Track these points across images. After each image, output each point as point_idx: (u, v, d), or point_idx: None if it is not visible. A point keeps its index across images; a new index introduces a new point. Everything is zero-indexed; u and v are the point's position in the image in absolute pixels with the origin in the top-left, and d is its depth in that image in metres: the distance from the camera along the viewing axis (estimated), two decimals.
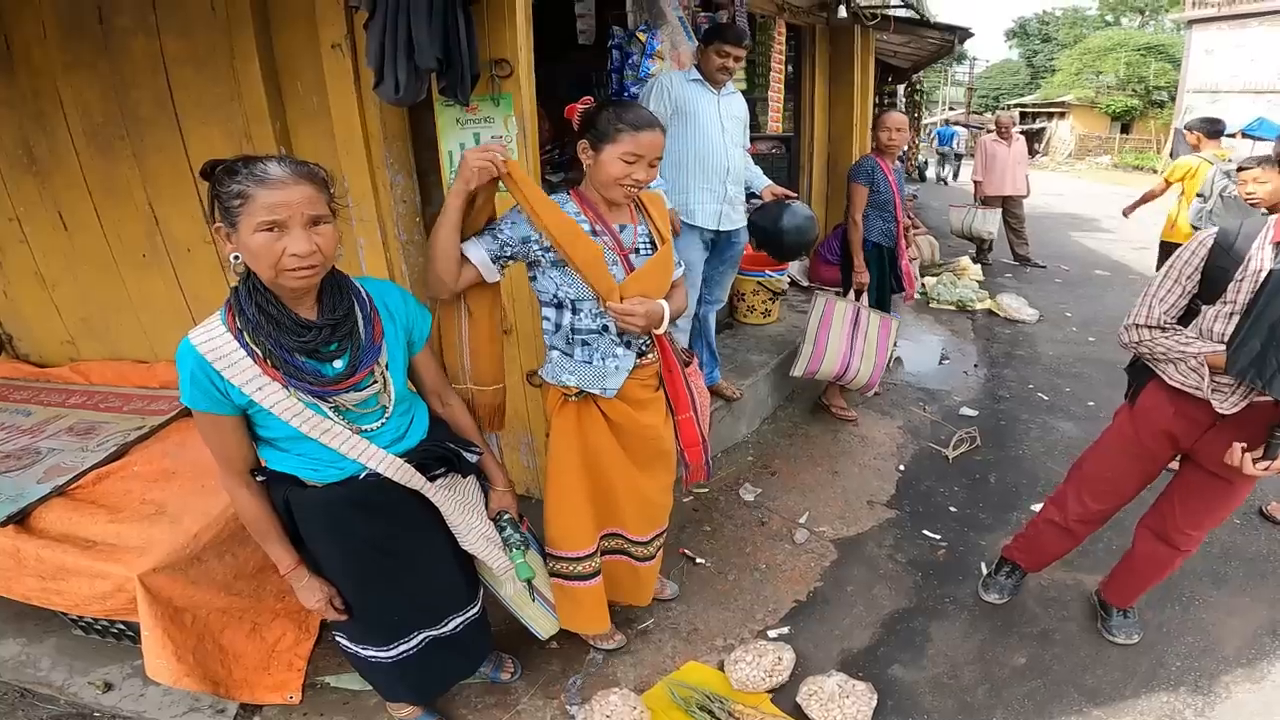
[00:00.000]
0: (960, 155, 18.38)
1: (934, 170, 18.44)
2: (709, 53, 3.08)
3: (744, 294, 4.75)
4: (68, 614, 2.25)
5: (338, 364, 1.49)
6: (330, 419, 1.50)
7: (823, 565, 2.84)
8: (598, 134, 1.76)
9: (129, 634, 2.27)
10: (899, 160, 3.94)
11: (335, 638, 1.90)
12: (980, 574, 2.75)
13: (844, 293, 3.99)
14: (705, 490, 3.30)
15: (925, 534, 3.04)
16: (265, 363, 1.41)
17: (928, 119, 24.34)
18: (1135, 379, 2.14)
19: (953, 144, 18.35)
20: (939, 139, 19.07)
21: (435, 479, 1.71)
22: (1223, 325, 1.80)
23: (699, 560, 2.83)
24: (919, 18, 6.69)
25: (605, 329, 1.87)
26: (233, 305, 1.42)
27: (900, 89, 14.05)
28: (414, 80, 2.07)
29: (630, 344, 1.92)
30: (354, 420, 1.55)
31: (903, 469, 3.58)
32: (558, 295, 1.84)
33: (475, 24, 2.16)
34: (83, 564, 1.97)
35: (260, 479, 1.59)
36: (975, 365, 5.06)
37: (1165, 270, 1.91)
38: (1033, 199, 8.35)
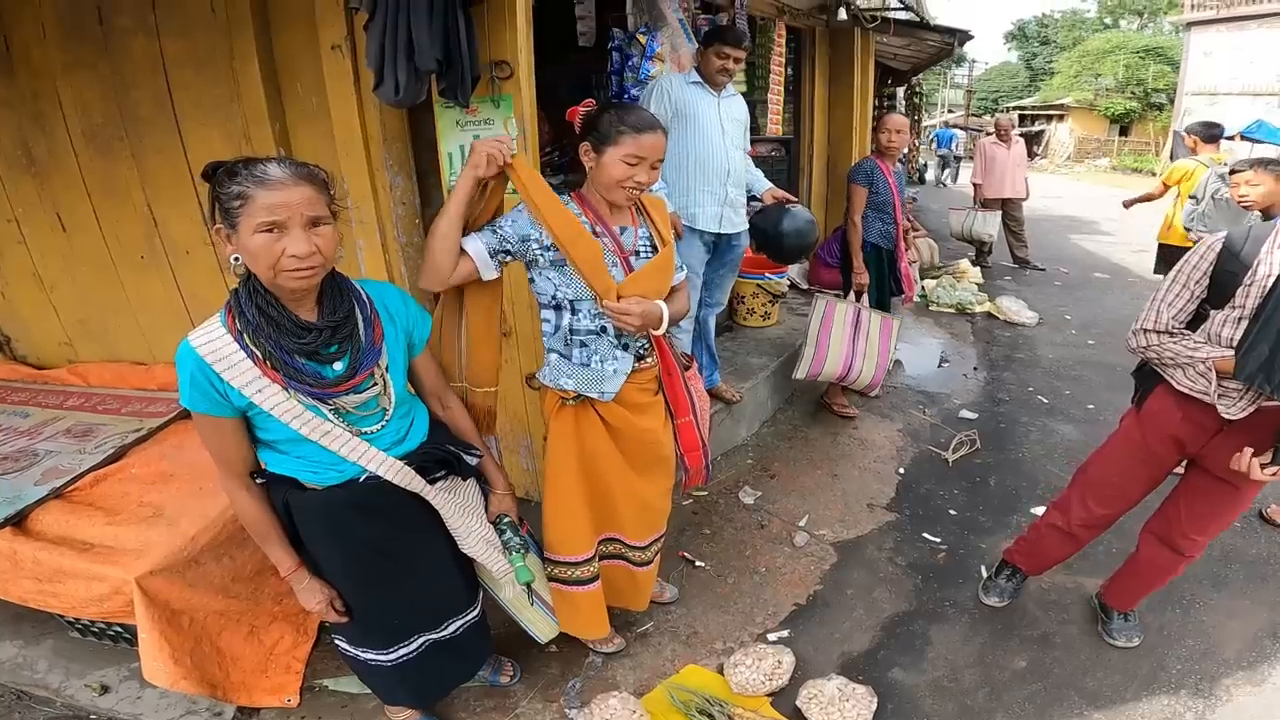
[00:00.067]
0: (959, 158, 18.39)
1: (933, 173, 18.45)
2: (708, 55, 3.08)
3: (744, 297, 4.75)
4: (64, 616, 2.24)
5: (338, 366, 1.49)
6: (330, 421, 1.50)
7: (822, 568, 2.83)
8: (600, 136, 1.76)
9: (126, 636, 2.26)
10: (900, 163, 3.94)
11: (334, 641, 1.90)
12: (980, 577, 2.74)
13: (844, 295, 4.00)
14: (705, 493, 3.30)
15: (925, 537, 3.03)
16: (265, 364, 1.41)
17: (927, 121, 24.36)
18: (1142, 384, 2.13)
19: (951, 146, 18.37)
20: (938, 141, 19.08)
21: (435, 482, 1.70)
22: (1231, 330, 1.79)
23: (698, 563, 2.83)
24: (918, 20, 6.69)
25: (604, 330, 1.86)
26: (232, 307, 1.42)
27: (900, 91, 14.06)
28: (414, 82, 2.06)
29: (628, 347, 1.91)
30: (354, 423, 1.55)
31: (902, 472, 3.58)
32: (556, 296, 1.83)
33: (475, 25, 2.16)
34: (80, 566, 1.97)
35: (260, 481, 1.58)
36: (975, 368, 5.06)
37: (1173, 275, 1.90)
38: (1032, 201, 8.35)
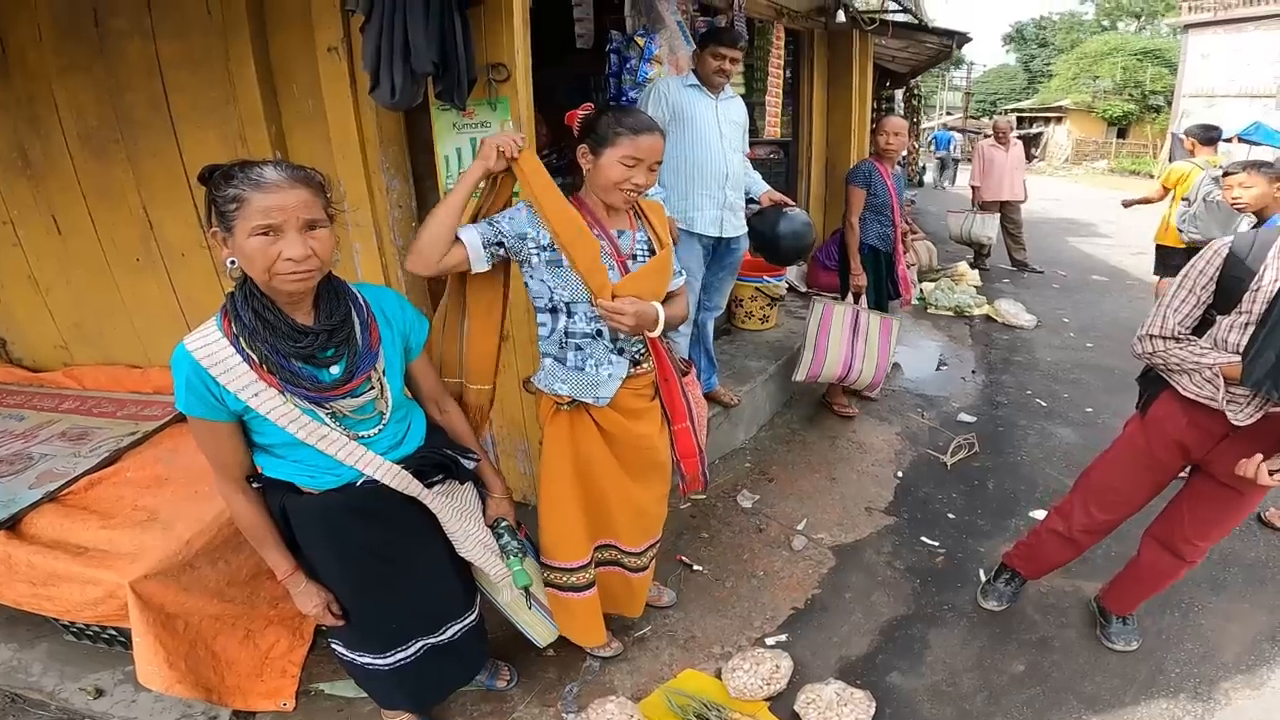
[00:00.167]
0: (956, 160, 18.41)
1: (932, 175, 18.46)
2: (705, 56, 3.07)
3: (742, 300, 4.74)
4: (59, 619, 2.22)
5: (334, 370, 1.48)
6: (327, 425, 1.50)
7: (821, 572, 2.83)
8: (597, 138, 1.76)
9: (121, 640, 2.25)
10: (900, 166, 3.94)
11: (331, 645, 1.89)
12: (979, 581, 2.74)
13: (842, 297, 3.99)
14: (703, 497, 3.29)
15: (923, 541, 3.03)
16: (261, 368, 1.41)
17: (925, 124, 24.38)
18: (1146, 389, 2.12)
19: (949, 149, 18.38)
20: (936, 143, 19.10)
21: (432, 486, 1.70)
22: (1238, 336, 1.78)
23: (696, 567, 2.82)
24: (917, 22, 6.70)
25: (599, 334, 1.85)
26: (228, 311, 1.42)
27: (898, 94, 14.06)
28: (410, 84, 2.06)
29: (624, 351, 1.90)
30: (351, 426, 1.54)
31: (901, 475, 3.57)
32: (552, 299, 1.82)
33: (472, 28, 2.15)
34: (74, 570, 1.96)
35: (256, 486, 1.58)
36: (973, 371, 5.05)
37: (1179, 280, 1.89)
38: (1030, 204, 8.35)
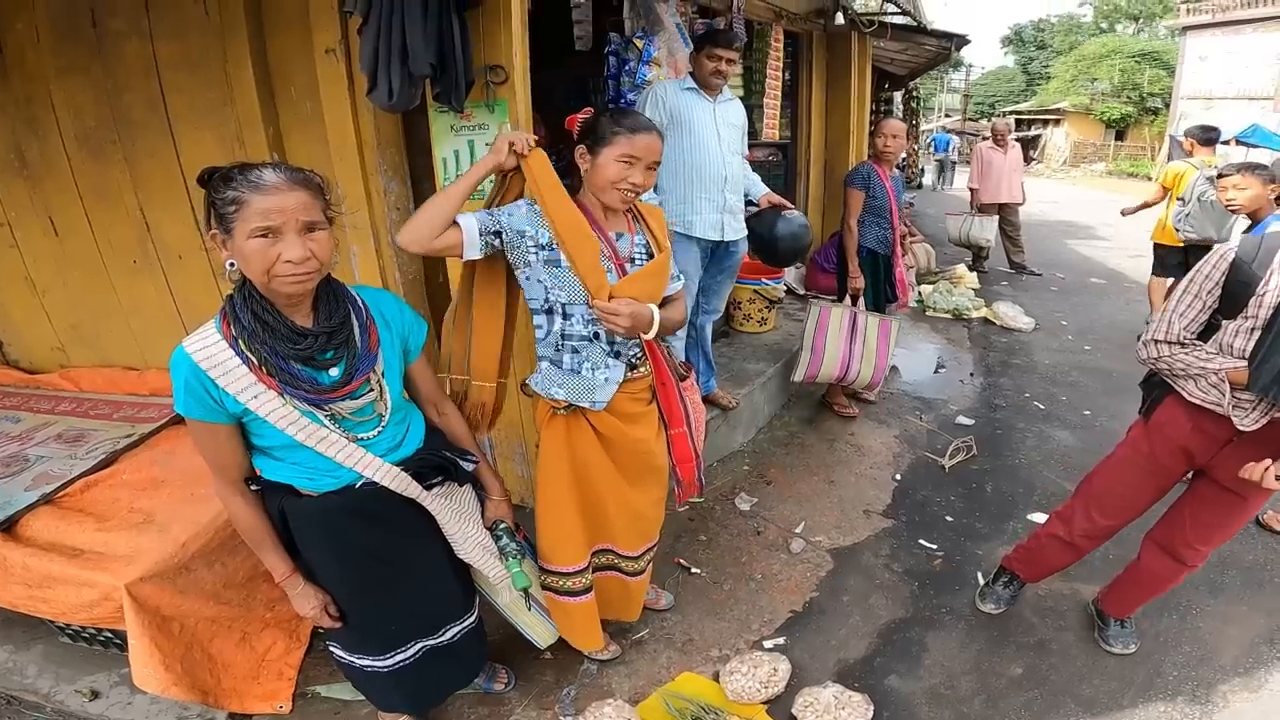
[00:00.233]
0: (955, 162, 18.44)
1: (930, 178, 18.49)
2: (701, 58, 3.06)
3: (740, 302, 4.74)
4: (55, 621, 2.22)
5: (334, 372, 1.48)
6: (326, 427, 1.50)
7: (819, 575, 2.82)
8: (595, 138, 1.77)
9: (116, 642, 2.25)
10: (898, 168, 3.94)
11: (329, 648, 1.88)
12: (977, 584, 2.73)
13: (839, 299, 3.99)
14: (701, 500, 3.28)
15: (922, 543, 3.02)
16: (261, 370, 1.41)
17: (924, 126, 24.42)
18: (1149, 394, 2.12)
19: (948, 151, 18.41)
20: (935, 146, 19.13)
21: (431, 488, 1.70)
22: (1243, 341, 1.78)
23: (694, 570, 2.81)
24: (916, 25, 6.71)
25: (596, 336, 1.85)
26: (228, 313, 1.42)
27: (897, 96, 14.09)
28: (407, 86, 2.05)
29: (620, 355, 1.90)
30: (350, 429, 1.54)
31: (899, 478, 3.57)
32: (549, 299, 1.82)
33: (470, 30, 2.15)
34: (69, 572, 1.96)
35: (255, 489, 1.58)
36: (971, 374, 5.05)
37: (1185, 285, 1.89)
38: (1028, 206, 8.35)
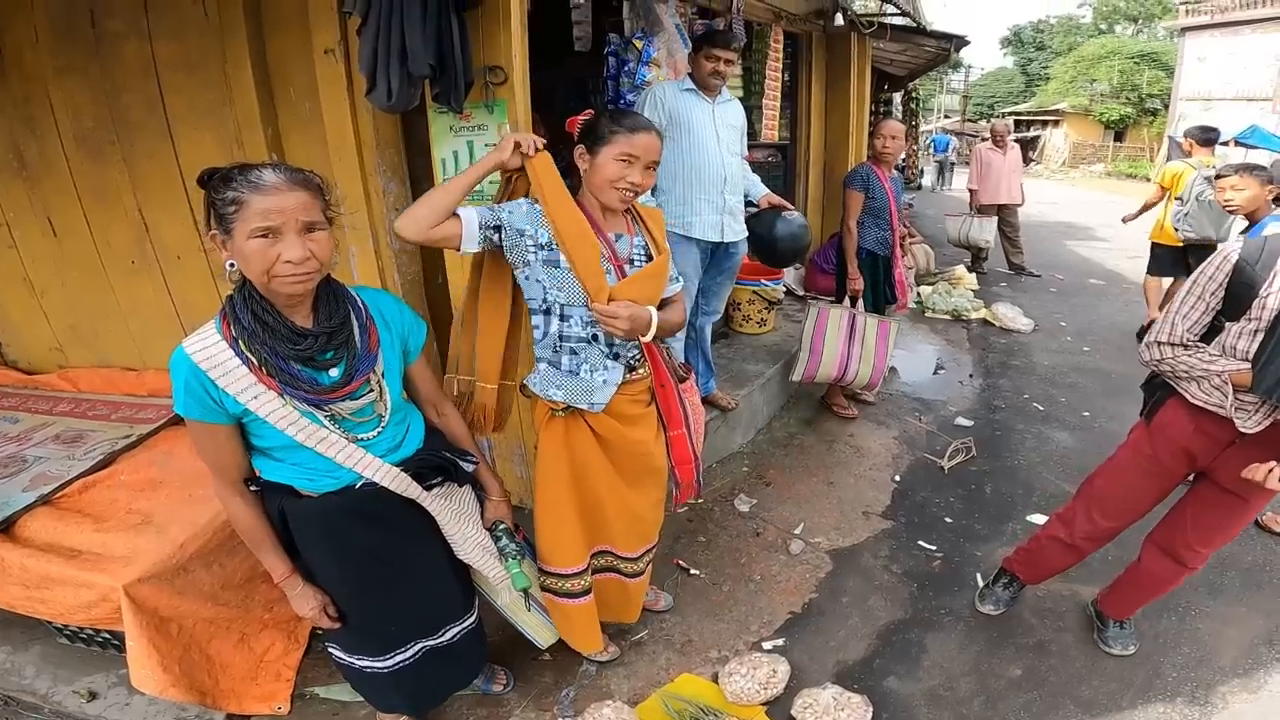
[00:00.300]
0: (953, 164, 18.45)
1: (930, 179, 18.49)
2: (699, 59, 3.06)
3: (739, 303, 4.74)
4: (52, 622, 2.22)
5: (333, 372, 1.49)
6: (326, 428, 1.50)
7: (818, 576, 2.82)
8: (594, 138, 1.78)
9: (114, 643, 2.24)
10: (897, 170, 3.94)
11: (328, 649, 1.88)
12: (976, 585, 2.73)
13: (838, 301, 3.99)
14: (700, 501, 3.28)
15: (921, 545, 3.02)
16: (261, 371, 1.41)
17: (924, 127, 24.44)
18: (1151, 396, 2.12)
19: (947, 152, 18.43)
20: (935, 147, 19.14)
21: (431, 488, 1.70)
22: (1246, 342, 1.78)
23: (693, 571, 2.81)
24: (915, 26, 6.71)
25: (595, 338, 1.85)
26: (227, 313, 1.42)
27: (897, 97, 14.10)
28: (406, 87, 2.05)
29: (619, 356, 1.90)
30: (350, 429, 1.54)
31: (898, 480, 3.57)
32: (546, 300, 1.82)
33: (469, 30, 2.15)
34: (67, 573, 1.95)
35: (254, 489, 1.58)
36: (970, 375, 5.05)
37: (1188, 287, 1.89)
38: (1027, 207, 8.35)
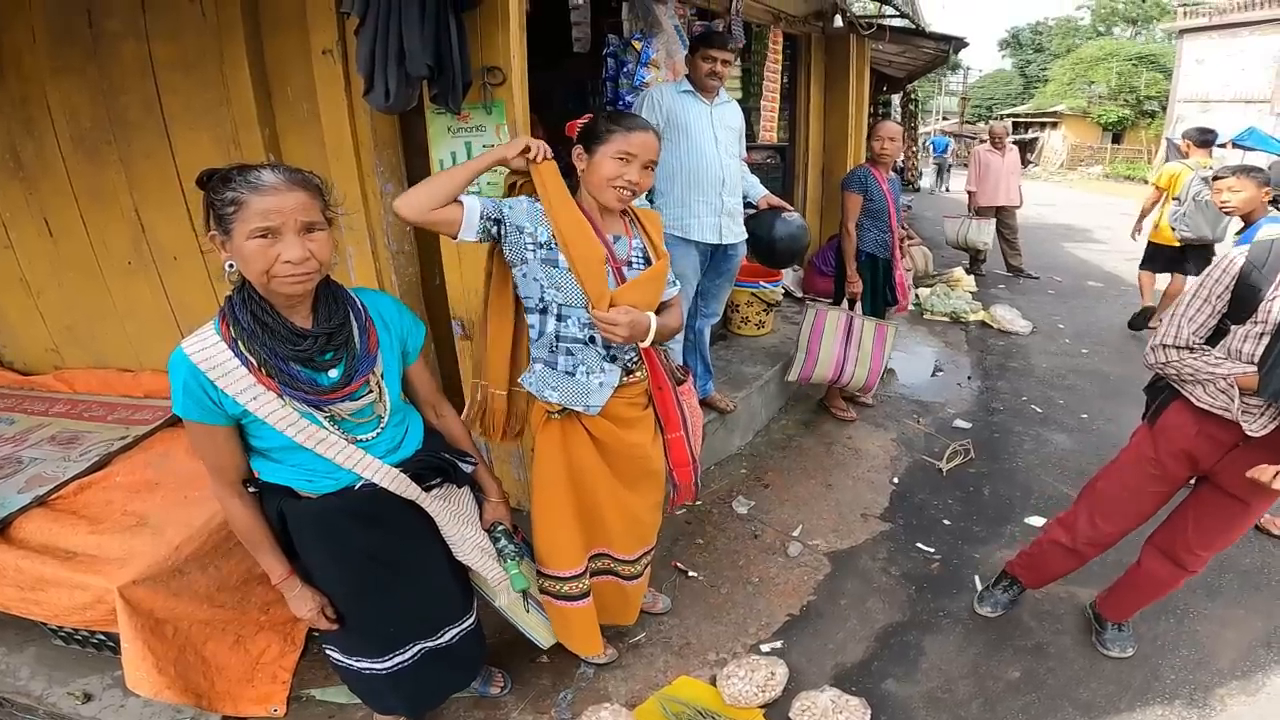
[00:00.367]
0: (951, 165, 18.47)
1: (928, 180, 18.50)
2: (695, 60, 3.06)
3: (738, 305, 4.73)
4: (47, 624, 2.21)
5: (333, 373, 1.49)
6: (326, 429, 1.50)
7: (816, 579, 2.82)
8: (591, 138, 1.78)
9: (109, 645, 2.23)
10: (896, 171, 3.94)
11: (325, 651, 1.87)
12: (974, 587, 2.73)
13: (836, 303, 3.99)
14: (698, 503, 3.28)
15: (919, 547, 3.02)
16: (260, 371, 1.41)
17: (923, 129, 24.45)
18: (1154, 399, 2.11)
19: (946, 153, 18.44)
20: (934, 148, 19.16)
21: (430, 489, 1.71)
22: (1252, 346, 1.78)
23: (691, 573, 2.81)
24: (914, 27, 6.71)
25: (592, 340, 1.84)
26: (226, 314, 1.42)
27: (895, 99, 14.11)
28: (404, 87, 2.05)
29: (616, 359, 1.89)
30: (349, 430, 1.54)
31: (896, 482, 3.56)
32: (544, 299, 1.81)
33: (468, 31, 2.14)
34: (62, 575, 1.95)
35: (252, 491, 1.58)
36: (969, 377, 5.05)
37: (1195, 289, 1.89)
38: (1025, 209, 8.36)
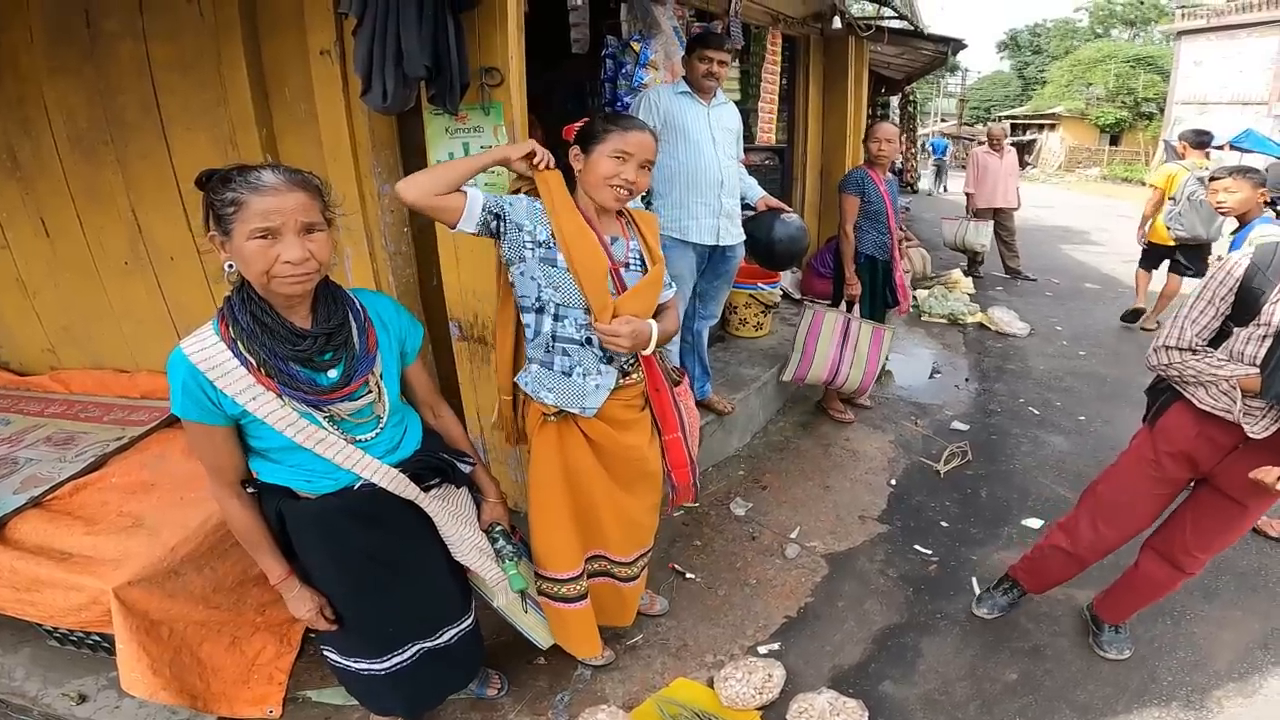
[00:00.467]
0: (949, 167, 18.48)
1: (927, 182, 18.50)
2: (692, 61, 3.05)
3: (736, 307, 4.73)
4: (42, 625, 2.20)
5: (332, 373, 1.49)
6: (325, 429, 1.50)
7: (814, 580, 2.81)
8: (588, 137, 1.79)
9: (105, 646, 2.23)
10: (894, 173, 3.94)
11: (323, 652, 1.87)
12: (972, 589, 2.73)
13: (834, 304, 3.99)
14: (696, 505, 3.27)
15: (917, 549, 3.02)
16: (259, 372, 1.41)
17: (921, 130, 24.47)
18: (1155, 400, 2.11)
19: (944, 155, 18.45)
20: (933, 150, 19.16)
21: (429, 489, 1.71)
22: (1254, 348, 1.78)
23: (689, 575, 2.80)
24: (912, 29, 6.73)
25: (589, 341, 1.84)
26: (225, 314, 1.42)
27: (894, 100, 14.11)
28: (402, 88, 2.04)
29: (613, 361, 1.89)
30: (348, 430, 1.54)
31: (894, 483, 3.56)
32: (540, 297, 1.80)
33: (466, 32, 2.14)
34: (57, 576, 1.94)
35: (251, 491, 1.58)
36: (966, 379, 5.05)
37: (1198, 291, 1.89)
38: (1023, 211, 8.36)
